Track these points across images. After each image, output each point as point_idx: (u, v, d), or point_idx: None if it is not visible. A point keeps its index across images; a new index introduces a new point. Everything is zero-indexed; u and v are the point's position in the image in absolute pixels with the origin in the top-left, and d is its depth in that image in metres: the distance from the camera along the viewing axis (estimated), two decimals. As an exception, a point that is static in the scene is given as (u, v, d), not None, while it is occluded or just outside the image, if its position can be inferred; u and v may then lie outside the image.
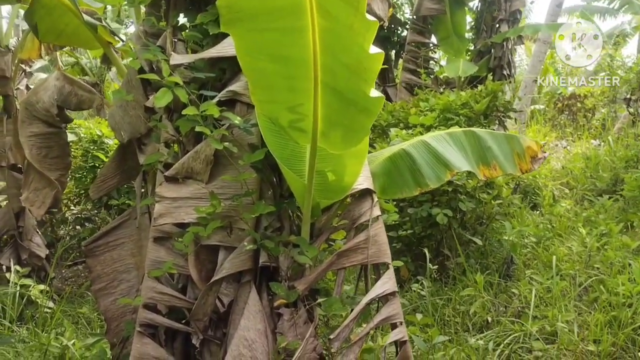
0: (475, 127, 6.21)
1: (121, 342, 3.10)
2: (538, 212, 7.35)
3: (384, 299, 2.40)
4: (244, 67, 1.98)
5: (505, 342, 3.95)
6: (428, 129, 6.06)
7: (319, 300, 2.32)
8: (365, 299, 2.30)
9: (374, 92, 1.84)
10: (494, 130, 6.67)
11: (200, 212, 2.30)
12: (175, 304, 2.59)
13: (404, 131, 5.69)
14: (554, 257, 4.90)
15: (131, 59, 2.73)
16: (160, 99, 2.22)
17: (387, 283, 2.36)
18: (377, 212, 2.43)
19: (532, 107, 22.64)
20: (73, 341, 3.65)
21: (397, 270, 5.51)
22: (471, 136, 2.83)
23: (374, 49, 1.73)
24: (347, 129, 2.07)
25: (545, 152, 3.00)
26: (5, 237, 6.31)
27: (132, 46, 2.85)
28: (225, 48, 2.46)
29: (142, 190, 3.25)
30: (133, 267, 3.30)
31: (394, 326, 2.40)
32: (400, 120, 6.54)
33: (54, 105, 3.97)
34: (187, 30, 2.70)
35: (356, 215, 2.44)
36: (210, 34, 2.48)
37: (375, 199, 2.46)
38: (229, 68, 2.53)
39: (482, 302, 4.42)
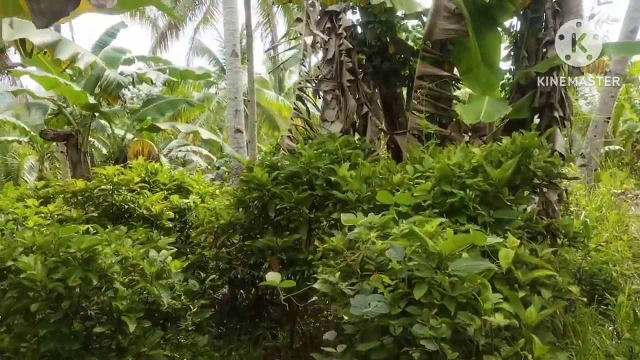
0: (495, 207, 3.85)
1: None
2: (612, 327, 4.76)
3: None
4: None
5: None
6: (417, 209, 3.74)
7: None
8: None
9: None
10: (525, 209, 4.25)
11: None
12: None
13: (371, 216, 3.38)
14: None
15: None
16: None
17: None
18: None
19: (606, 148, 19.50)
20: None
21: None
22: None
23: None
24: None
25: None
26: None
27: None
28: None
29: None
30: None
31: None
32: (383, 188, 4.25)
33: None
34: None
35: None
36: None
37: None
38: None
39: None
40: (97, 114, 10.08)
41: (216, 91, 28.37)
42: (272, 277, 2.89)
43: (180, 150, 24.93)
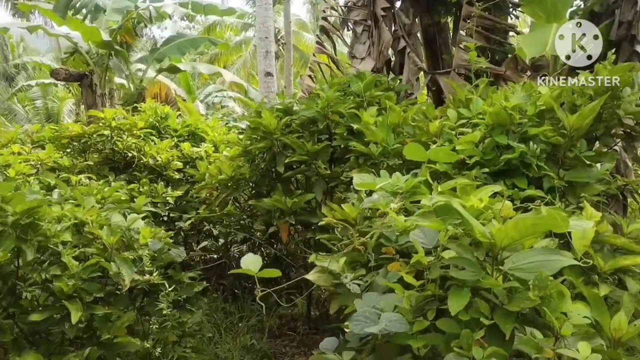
0: (567, 166, 2.86)
1: None
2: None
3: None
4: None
5: None
6: (461, 168, 2.80)
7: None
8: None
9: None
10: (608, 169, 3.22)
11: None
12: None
13: (397, 177, 2.46)
14: None
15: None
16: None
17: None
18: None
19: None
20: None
21: None
22: None
23: None
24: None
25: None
26: None
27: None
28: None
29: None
30: None
31: None
32: (417, 139, 3.31)
33: None
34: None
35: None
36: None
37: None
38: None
39: None
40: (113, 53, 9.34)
41: (254, 34, 27.27)
42: (249, 261, 2.05)
43: (216, 96, 24.23)
